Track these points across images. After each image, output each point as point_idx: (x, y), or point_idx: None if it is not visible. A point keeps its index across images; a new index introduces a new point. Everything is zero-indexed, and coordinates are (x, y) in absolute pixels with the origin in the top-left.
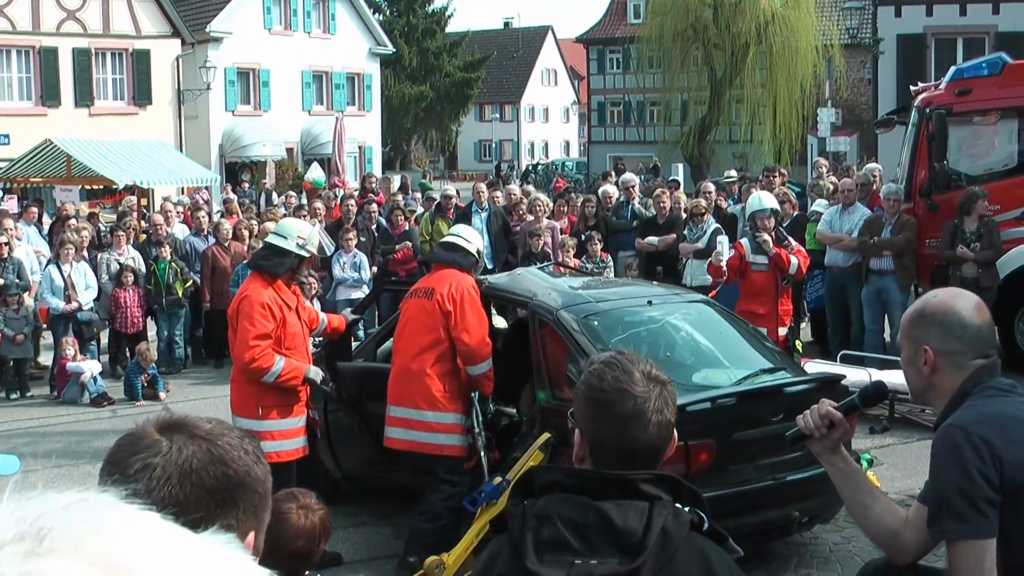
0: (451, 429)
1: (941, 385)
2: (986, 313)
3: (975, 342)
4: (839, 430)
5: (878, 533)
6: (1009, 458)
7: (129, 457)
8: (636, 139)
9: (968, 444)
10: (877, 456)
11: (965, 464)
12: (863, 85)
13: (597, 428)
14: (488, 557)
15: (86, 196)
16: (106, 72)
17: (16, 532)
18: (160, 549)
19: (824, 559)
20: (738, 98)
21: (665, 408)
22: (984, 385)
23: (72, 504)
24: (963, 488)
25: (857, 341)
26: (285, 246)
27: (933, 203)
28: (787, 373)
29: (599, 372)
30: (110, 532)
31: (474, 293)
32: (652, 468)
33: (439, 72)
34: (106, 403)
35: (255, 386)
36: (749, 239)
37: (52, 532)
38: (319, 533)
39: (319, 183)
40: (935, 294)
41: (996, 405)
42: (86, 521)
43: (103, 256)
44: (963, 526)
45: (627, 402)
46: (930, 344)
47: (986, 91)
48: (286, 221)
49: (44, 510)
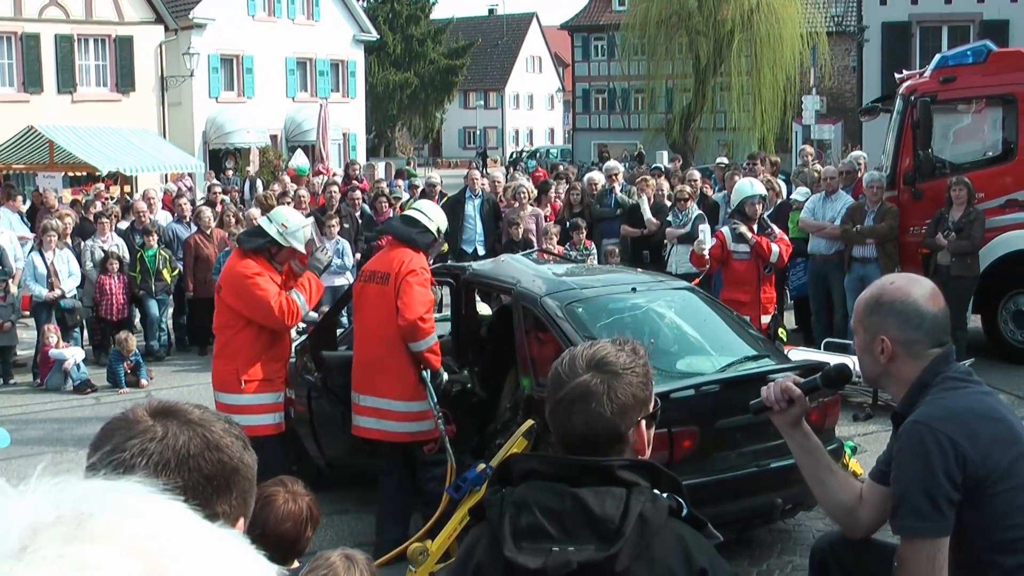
0: (421, 416)
1: (898, 373)
2: (941, 300)
3: (932, 331)
4: (798, 406)
5: (834, 508)
6: (972, 456)
7: (124, 441)
8: (621, 126)
9: (934, 443)
10: (860, 443)
11: (930, 463)
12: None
13: (546, 409)
14: (467, 546)
15: (69, 183)
16: (89, 58)
17: (55, 516)
18: (191, 540)
19: (807, 546)
20: (723, 86)
21: (596, 399)
22: (944, 375)
23: (107, 491)
24: (926, 487)
25: (840, 329)
26: (266, 228)
27: (917, 191)
28: (771, 360)
29: (562, 354)
30: (145, 520)
31: (422, 272)
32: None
33: (423, 59)
34: (89, 390)
35: (238, 362)
36: (730, 228)
37: (92, 518)
38: (306, 518)
39: (303, 170)
40: (892, 280)
41: (959, 399)
42: (122, 508)
43: (87, 243)
44: (922, 523)
45: (559, 389)
46: (888, 333)
47: (971, 79)
48: (281, 208)
49: (80, 495)
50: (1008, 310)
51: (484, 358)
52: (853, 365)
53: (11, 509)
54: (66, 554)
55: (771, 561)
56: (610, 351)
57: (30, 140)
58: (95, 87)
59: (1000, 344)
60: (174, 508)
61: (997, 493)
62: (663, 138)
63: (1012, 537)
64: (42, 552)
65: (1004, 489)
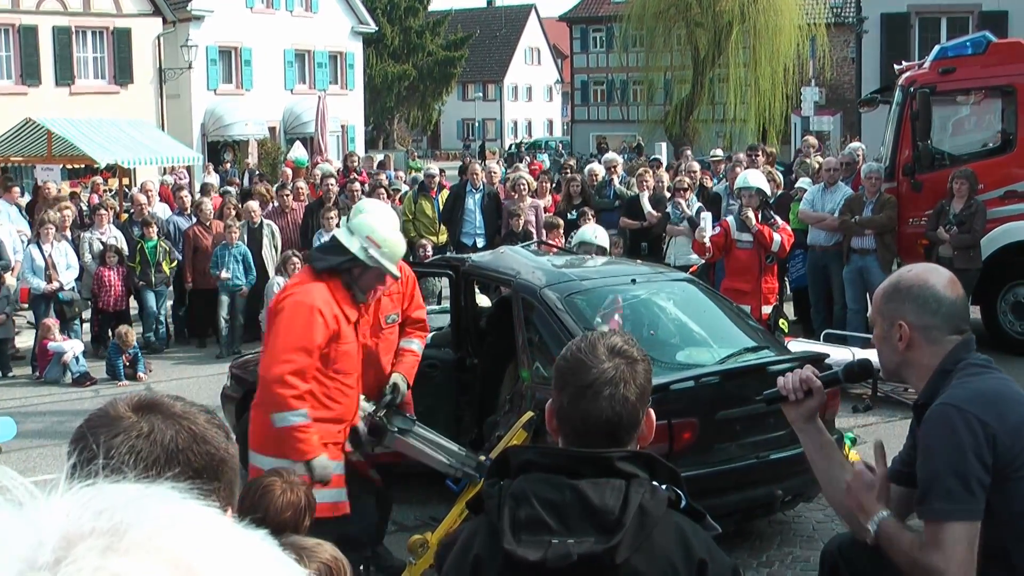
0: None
1: (917, 361)
2: (959, 288)
3: (950, 317)
4: (816, 398)
5: (846, 508)
6: (1002, 437)
7: (110, 439)
8: (619, 118)
9: (964, 423)
10: (860, 435)
11: (961, 445)
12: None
13: (557, 397)
14: (465, 539)
15: (67, 175)
16: (87, 51)
17: (91, 526)
18: (226, 549)
19: (807, 537)
20: (721, 77)
21: (624, 383)
22: (966, 362)
23: (141, 497)
24: (957, 469)
25: (839, 320)
26: (346, 243)
27: (917, 182)
28: (770, 352)
29: (570, 344)
30: (182, 529)
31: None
32: (613, 445)
33: (422, 51)
34: (88, 383)
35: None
36: (735, 216)
37: (129, 527)
38: (304, 507)
39: (302, 162)
40: (909, 269)
41: (984, 382)
42: (158, 517)
43: (85, 235)
44: (955, 506)
45: (581, 373)
46: (905, 319)
47: (970, 70)
48: (367, 216)
49: (114, 503)
50: (1007, 301)
51: (483, 350)
52: (854, 358)
53: (44, 518)
54: (103, 567)
55: (771, 553)
56: (621, 340)
57: (28, 132)
58: (93, 79)
59: (999, 335)
60: (208, 515)
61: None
62: (661, 130)
63: None
64: (78, 564)
65: None
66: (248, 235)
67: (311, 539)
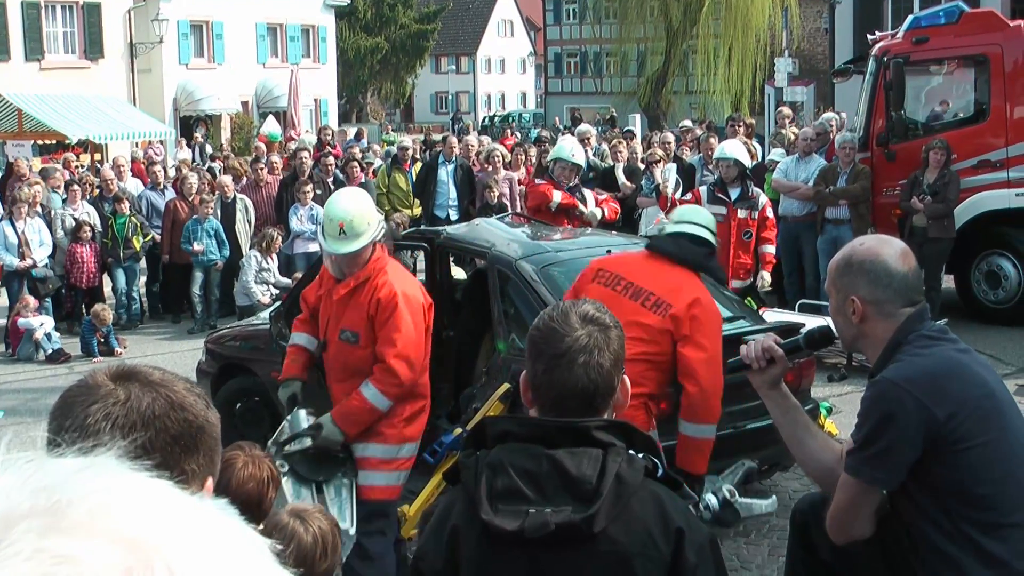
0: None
1: (872, 334)
2: (912, 260)
3: (903, 290)
4: (779, 366)
5: (814, 468)
6: (938, 415)
7: (87, 407)
8: (593, 90)
9: (897, 401)
10: (835, 404)
11: (893, 420)
12: (820, 34)
13: (531, 367)
14: (442, 510)
15: (38, 151)
16: (56, 25)
17: (29, 505)
18: (179, 522)
19: (784, 506)
20: (694, 48)
21: (599, 350)
22: (918, 333)
23: (81, 471)
24: (881, 441)
25: (813, 290)
26: None
27: (890, 152)
28: (745, 322)
29: (542, 314)
30: (128, 504)
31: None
32: (590, 413)
33: (394, 24)
34: (62, 359)
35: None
36: (707, 188)
37: (70, 505)
38: (267, 478)
39: (275, 136)
40: (861, 242)
41: (929, 356)
42: (101, 492)
43: (57, 211)
44: (865, 468)
45: (555, 341)
46: (858, 293)
47: (943, 40)
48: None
49: (54, 479)
50: (981, 270)
51: (459, 323)
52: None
53: None
54: (43, 548)
55: (748, 521)
56: (593, 308)
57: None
58: (63, 54)
59: (973, 304)
60: (158, 487)
61: (970, 447)
62: (635, 102)
63: (985, 493)
64: (16, 547)
65: (977, 444)
66: (221, 210)
67: (314, 506)
